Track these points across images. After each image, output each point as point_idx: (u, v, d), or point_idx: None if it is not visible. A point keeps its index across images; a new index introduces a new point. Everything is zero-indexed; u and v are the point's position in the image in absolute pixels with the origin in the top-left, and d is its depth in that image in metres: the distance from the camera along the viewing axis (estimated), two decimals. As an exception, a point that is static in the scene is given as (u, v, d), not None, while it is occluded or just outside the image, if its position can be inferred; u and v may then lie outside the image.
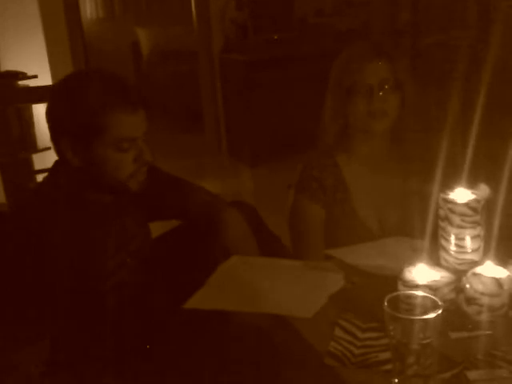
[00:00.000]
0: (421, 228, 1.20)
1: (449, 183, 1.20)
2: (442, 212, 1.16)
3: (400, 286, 1.10)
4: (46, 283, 1.24)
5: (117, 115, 1.24)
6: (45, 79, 3.32)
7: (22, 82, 3.20)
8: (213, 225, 1.46)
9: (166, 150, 5.07)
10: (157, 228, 1.59)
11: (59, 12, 3.70)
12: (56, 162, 1.35)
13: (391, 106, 1.52)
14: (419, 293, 0.95)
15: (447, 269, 1.15)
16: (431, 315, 0.86)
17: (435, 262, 1.18)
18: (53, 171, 1.36)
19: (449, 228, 1.15)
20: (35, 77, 3.21)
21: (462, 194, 1.16)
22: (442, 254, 1.19)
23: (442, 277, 1.11)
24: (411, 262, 1.14)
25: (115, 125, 1.24)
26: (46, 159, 3.15)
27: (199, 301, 1.25)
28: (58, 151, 1.30)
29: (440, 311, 0.87)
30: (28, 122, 3.20)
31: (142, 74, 6.67)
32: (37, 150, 3.33)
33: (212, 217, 1.47)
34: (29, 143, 3.27)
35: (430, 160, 1.40)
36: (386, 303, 0.89)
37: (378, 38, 3.77)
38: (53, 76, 3.41)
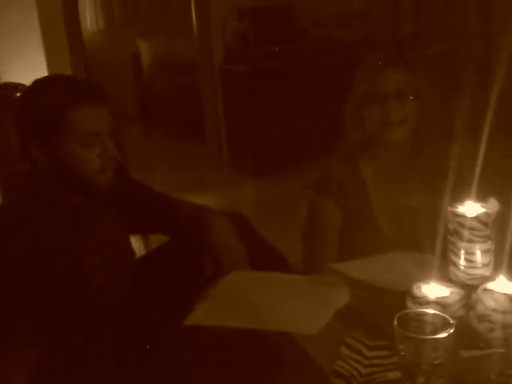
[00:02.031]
0: (430, 242, 1.16)
1: (458, 196, 1.17)
2: (451, 226, 1.13)
3: (409, 303, 1.06)
4: (28, 285, 1.24)
5: (77, 109, 1.27)
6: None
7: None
8: (199, 231, 1.47)
9: (167, 160, 5.06)
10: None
11: (59, 24, 3.69)
12: (28, 172, 1.37)
13: (408, 115, 1.52)
14: (430, 311, 0.92)
15: (457, 284, 1.12)
16: (443, 334, 0.83)
17: (445, 277, 1.14)
18: (27, 178, 1.38)
19: (458, 242, 1.12)
20: (35, 88, 3.19)
21: (471, 208, 1.12)
22: (452, 268, 1.15)
23: (451, 293, 1.07)
24: (420, 277, 1.10)
25: (76, 119, 1.28)
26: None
27: (200, 317, 1.22)
28: (27, 155, 1.32)
29: (452, 330, 0.84)
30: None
31: (142, 85, 6.67)
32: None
33: (198, 223, 1.49)
34: (27, 154, 3.23)
35: (444, 172, 1.38)
36: (395, 322, 0.86)
37: (395, 46, 3.75)
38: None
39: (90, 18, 6.86)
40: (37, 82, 1.34)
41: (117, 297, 1.40)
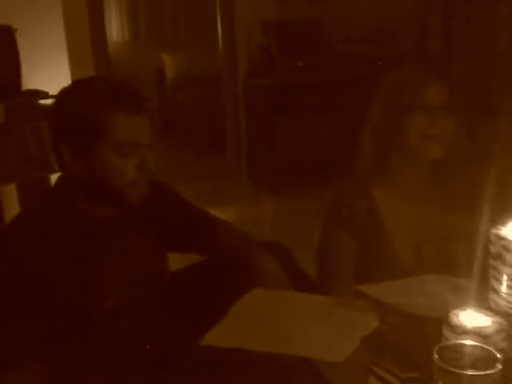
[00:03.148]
0: (466, 266, 1.07)
1: (498, 219, 1.08)
2: (493, 249, 1.04)
3: (445, 332, 0.97)
4: (38, 301, 1.16)
5: (118, 116, 1.19)
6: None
7: (43, 101, 3.16)
8: (245, 269, 1.35)
9: (186, 173, 5.02)
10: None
11: (84, 33, 3.69)
12: (58, 177, 1.30)
13: (448, 130, 1.43)
14: (472, 343, 0.83)
15: (498, 313, 1.02)
16: (491, 370, 0.74)
17: (484, 305, 1.04)
18: (55, 185, 1.31)
19: (501, 267, 1.02)
20: (57, 96, 3.17)
21: (516, 230, 1.03)
22: (493, 296, 1.06)
23: (492, 322, 0.98)
24: (457, 304, 1.01)
25: (116, 126, 1.19)
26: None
27: (217, 337, 1.13)
28: (59, 159, 1.24)
29: (500, 366, 0.75)
30: (47, 142, 3.14)
31: (165, 99, 6.66)
32: (55, 170, 3.26)
33: (243, 260, 1.36)
34: (47, 163, 3.21)
35: (477, 194, 1.29)
36: (436, 354, 0.77)
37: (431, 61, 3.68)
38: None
39: (116, 29, 6.90)
40: (76, 82, 1.27)
41: (131, 323, 1.29)
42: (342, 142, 4.22)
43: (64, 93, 1.25)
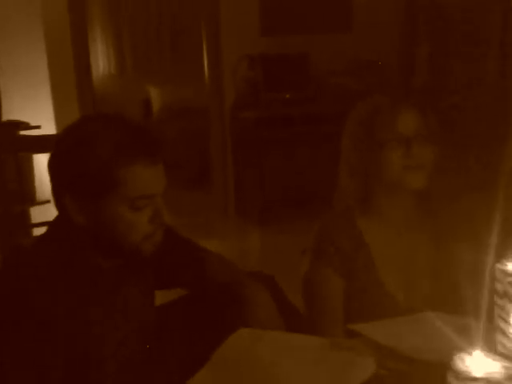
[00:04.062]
0: (463, 303, 0.99)
1: (501, 252, 1.01)
2: (499, 286, 0.96)
3: (451, 378, 0.88)
4: (29, 361, 1.03)
5: (134, 168, 1.05)
6: (48, 130, 3.20)
7: (24, 132, 3.08)
8: (234, 301, 1.25)
9: (173, 206, 4.92)
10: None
11: (68, 65, 3.64)
12: (57, 218, 1.15)
13: (427, 159, 1.37)
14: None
15: (507, 357, 0.94)
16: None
17: (489, 347, 0.96)
18: (53, 227, 1.16)
19: (509, 306, 0.94)
20: (38, 127, 3.10)
21: (522, 265, 0.96)
22: (500, 338, 0.98)
23: (502, 367, 0.89)
24: (462, 346, 0.93)
25: (132, 179, 1.05)
26: (45, 212, 2.98)
27: (200, 383, 1.04)
28: (60, 207, 1.11)
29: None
30: (27, 173, 3.05)
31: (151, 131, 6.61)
32: (35, 203, 3.17)
33: (234, 292, 1.26)
34: (27, 195, 3.11)
35: (468, 225, 1.22)
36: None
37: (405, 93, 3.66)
38: (58, 127, 3.30)
39: (102, 62, 6.88)
40: (81, 124, 1.10)
41: (125, 379, 1.19)
42: (330, 175, 4.16)
43: (68, 137, 1.09)
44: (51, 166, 1.10)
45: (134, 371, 1.22)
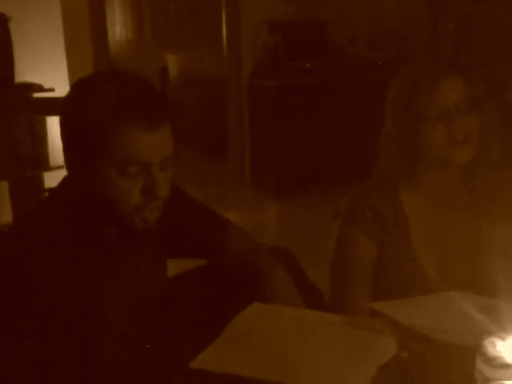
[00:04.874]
0: (503, 284, 0.92)
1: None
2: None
3: (480, 364, 0.81)
4: (29, 332, 0.98)
5: (127, 129, 0.97)
6: (62, 93, 3.14)
7: (37, 95, 3.02)
8: (252, 281, 1.18)
9: (187, 176, 4.89)
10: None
11: (84, 27, 3.57)
12: (64, 179, 1.11)
13: (471, 129, 1.26)
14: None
15: (542, 343, 0.86)
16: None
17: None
18: (59, 189, 1.12)
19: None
20: (52, 90, 3.03)
21: None
22: (535, 321, 0.90)
23: (537, 354, 0.82)
24: (491, 330, 0.86)
25: (123, 141, 0.98)
26: (58, 178, 2.93)
27: (209, 360, 0.98)
28: (67, 166, 1.07)
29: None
30: (41, 137, 3.00)
31: (168, 100, 6.55)
32: (48, 168, 3.12)
33: (253, 271, 1.19)
34: (40, 160, 3.07)
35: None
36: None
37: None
38: (71, 90, 3.23)
39: (119, 28, 6.79)
40: (86, 80, 1.05)
41: (131, 349, 1.15)
42: (350, 148, 4.09)
43: (72, 93, 1.05)
44: (60, 121, 1.06)
45: (141, 341, 1.17)
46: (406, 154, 1.31)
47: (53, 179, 3.11)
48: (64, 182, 1.12)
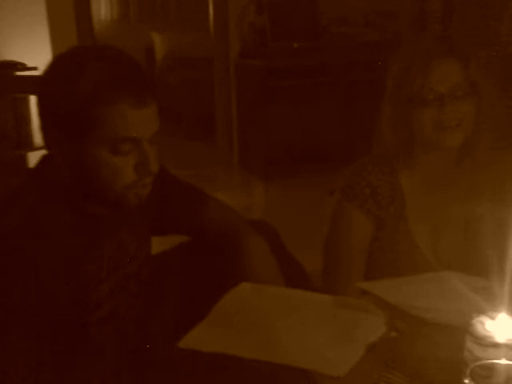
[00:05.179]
0: (495, 264, 0.91)
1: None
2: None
3: (469, 343, 0.81)
4: (16, 310, 0.96)
5: (116, 107, 0.95)
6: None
7: (20, 73, 2.97)
8: (232, 252, 1.18)
9: (174, 157, 4.85)
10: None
11: (68, 5, 3.49)
12: (44, 157, 1.08)
13: (466, 115, 1.24)
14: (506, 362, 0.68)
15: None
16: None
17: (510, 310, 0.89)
18: (39, 168, 1.08)
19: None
20: (35, 68, 2.98)
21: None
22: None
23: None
24: (482, 309, 0.85)
25: (112, 118, 0.96)
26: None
27: (197, 339, 0.98)
28: (47, 145, 1.03)
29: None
30: (24, 117, 2.95)
31: (154, 79, 6.48)
32: (33, 148, 3.07)
33: (232, 241, 1.20)
34: (24, 140, 3.02)
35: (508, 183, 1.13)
36: (468, 379, 0.61)
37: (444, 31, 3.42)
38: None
39: (104, 5, 6.69)
40: (67, 56, 1.01)
41: (118, 328, 1.14)
42: (338, 129, 4.07)
43: (52, 69, 1.01)
44: (39, 99, 1.02)
45: (127, 320, 1.17)
46: (402, 136, 1.30)
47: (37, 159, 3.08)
48: (44, 160, 1.08)
